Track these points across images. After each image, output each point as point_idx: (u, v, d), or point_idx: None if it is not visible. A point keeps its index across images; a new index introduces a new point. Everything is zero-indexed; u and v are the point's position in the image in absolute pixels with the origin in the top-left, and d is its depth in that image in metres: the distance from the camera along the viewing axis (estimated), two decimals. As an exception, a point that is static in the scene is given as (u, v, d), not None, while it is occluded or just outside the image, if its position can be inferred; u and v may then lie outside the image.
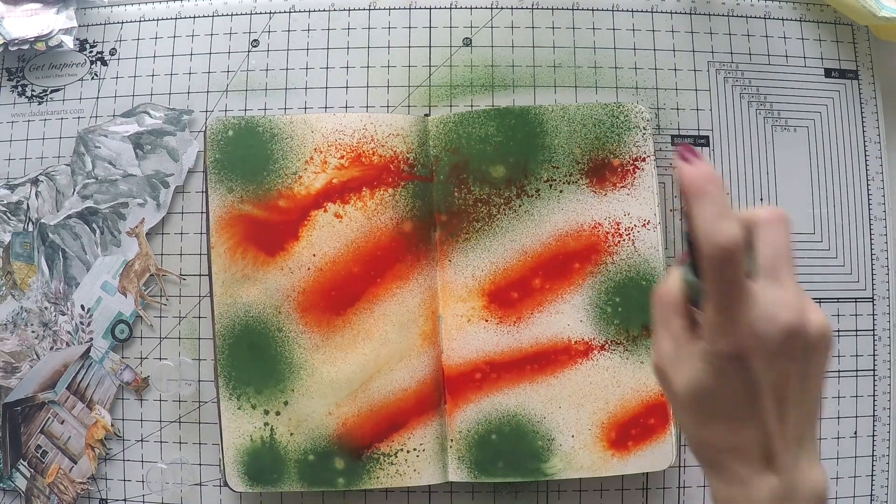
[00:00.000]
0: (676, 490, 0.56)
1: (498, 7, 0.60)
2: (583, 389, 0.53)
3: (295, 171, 0.54)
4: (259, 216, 0.54)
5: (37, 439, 0.57)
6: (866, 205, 0.59)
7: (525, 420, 0.53)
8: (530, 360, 0.54)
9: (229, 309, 0.54)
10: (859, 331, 0.58)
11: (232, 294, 0.54)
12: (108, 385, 0.57)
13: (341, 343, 0.54)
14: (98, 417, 0.57)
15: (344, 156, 0.55)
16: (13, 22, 0.60)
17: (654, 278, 0.54)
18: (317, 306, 0.54)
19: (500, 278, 0.54)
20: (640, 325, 0.54)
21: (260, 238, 0.54)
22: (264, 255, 0.54)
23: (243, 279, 0.54)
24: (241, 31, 0.60)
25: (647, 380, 0.53)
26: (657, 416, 0.53)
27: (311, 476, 0.53)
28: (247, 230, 0.54)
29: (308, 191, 0.54)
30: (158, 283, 0.58)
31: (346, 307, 0.54)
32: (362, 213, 0.54)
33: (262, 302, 0.54)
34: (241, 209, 0.54)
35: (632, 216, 0.54)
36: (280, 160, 0.55)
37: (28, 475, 0.57)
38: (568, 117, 0.55)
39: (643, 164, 0.55)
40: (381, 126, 0.55)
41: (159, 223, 0.58)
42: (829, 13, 0.61)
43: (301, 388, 0.53)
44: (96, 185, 0.57)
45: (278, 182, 0.54)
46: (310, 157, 0.55)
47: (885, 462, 0.57)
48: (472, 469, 0.53)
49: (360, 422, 0.53)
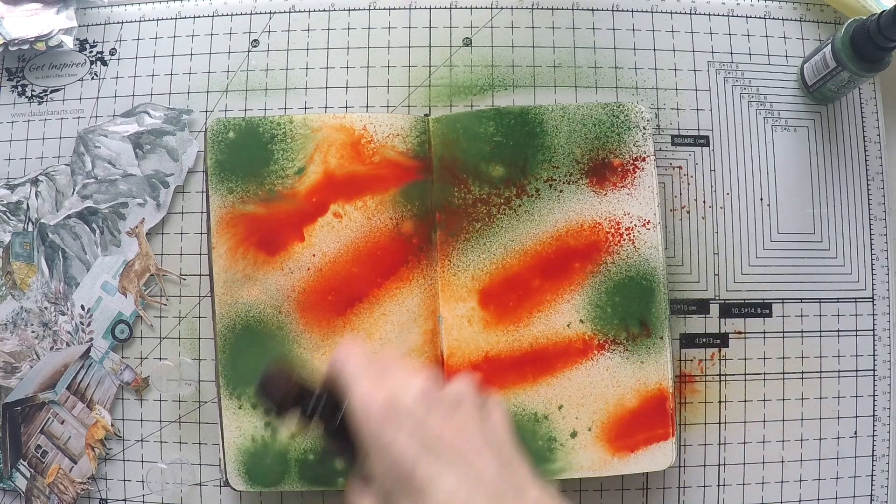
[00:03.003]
0: (676, 490, 0.56)
1: (498, 7, 0.60)
2: (583, 389, 0.53)
3: (295, 172, 0.54)
4: (260, 216, 0.54)
5: (37, 439, 0.57)
6: (866, 205, 0.59)
7: (525, 420, 0.53)
8: (530, 360, 0.53)
9: (230, 309, 0.54)
10: (859, 331, 0.58)
11: (233, 294, 0.54)
12: (109, 385, 0.57)
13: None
14: (98, 417, 0.57)
15: (344, 156, 0.55)
16: (13, 22, 0.60)
17: (654, 278, 0.54)
18: (317, 306, 0.54)
19: (499, 278, 0.54)
20: (639, 325, 0.54)
21: (260, 238, 0.54)
22: (265, 255, 0.54)
23: (244, 279, 0.54)
24: (241, 31, 0.60)
25: (647, 379, 0.53)
26: (657, 416, 0.53)
27: (312, 476, 0.53)
28: (247, 230, 0.54)
29: (308, 191, 0.54)
30: (158, 283, 0.58)
31: (346, 307, 0.54)
32: (362, 213, 0.54)
33: (262, 302, 0.54)
34: (242, 209, 0.54)
35: (632, 216, 0.54)
36: (281, 160, 0.55)
37: (28, 475, 0.57)
38: (568, 117, 0.55)
39: (643, 164, 0.55)
40: (381, 126, 0.55)
41: (159, 223, 0.58)
42: (829, 13, 0.61)
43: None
44: (96, 184, 0.57)
45: (279, 182, 0.54)
46: (310, 157, 0.55)
47: (885, 462, 0.57)
48: None
49: None
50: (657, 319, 0.53)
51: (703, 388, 0.57)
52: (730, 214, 0.58)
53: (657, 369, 0.53)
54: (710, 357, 0.57)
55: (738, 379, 0.57)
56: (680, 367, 0.57)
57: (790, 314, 0.58)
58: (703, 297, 0.58)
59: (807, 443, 0.57)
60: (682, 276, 0.58)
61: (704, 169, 0.59)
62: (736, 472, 0.56)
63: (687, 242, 0.58)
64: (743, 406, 0.57)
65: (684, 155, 0.59)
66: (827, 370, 0.57)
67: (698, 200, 0.58)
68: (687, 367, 0.57)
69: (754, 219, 0.58)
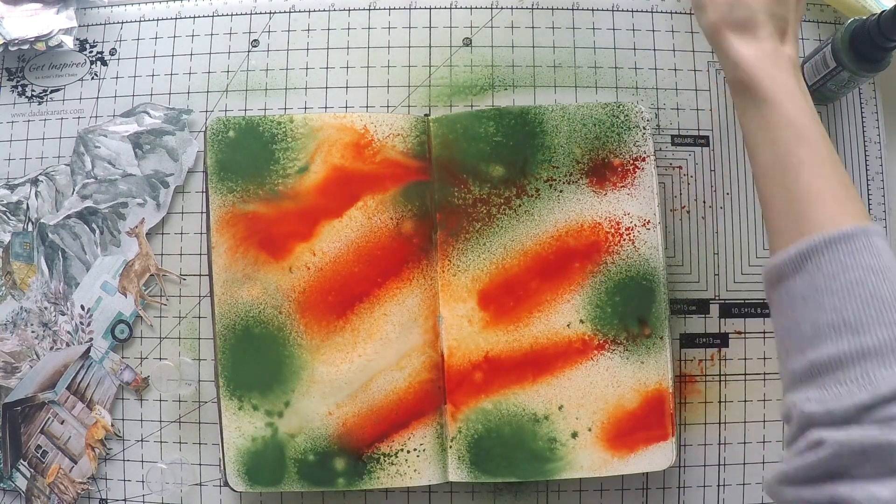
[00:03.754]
0: (676, 490, 0.56)
1: (498, 7, 0.60)
2: (583, 389, 0.53)
3: (297, 171, 0.54)
4: (260, 216, 0.54)
5: (37, 439, 0.57)
6: (866, 205, 0.59)
7: (525, 420, 0.53)
8: (530, 360, 0.53)
9: (230, 309, 0.54)
10: (859, 331, 0.58)
11: (232, 294, 0.54)
12: (108, 385, 0.57)
13: (342, 343, 0.54)
14: (98, 417, 0.57)
15: (345, 155, 0.55)
16: (13, 22, 0.60)
17: (654, 278, 0.54)
18: (317, 306, 0.54)
19: (499, 278, 0.54)
20: (639, 325, 0.54)
21: (261, 238, 0.54)
22: (265, 254, 0.54)
23: (244, 279, 0.54)
24: (241, 31, 0.60)
25: (646, 380, 0.53)
26: (657, 417, 0.53)
27: (312, 476, 0.53)
28: (247, 230, 0.54)
29: (309, 190, 0.54)
30: (158, 283, 0.58)
31: (346, 308, 0.54)
32: (363, 213, 0.54)
33: (262, 302, 0.54)
34: (243, 209, 0.54)
35: (632, 216, 0.54)
36: (281, 160, 0.55)
37: (28, 475, 0.57)
38: (568, 117, 0.55)
39: (643, 164, 0.55)
40: (382, 126, 0.55)
41: (159, 223, 0.58)
42: (829, 13, 0.61)
43: (302, 388, 0.53)
44: (96, 184, 0.57)
45: (280, 182, 0.54)
46: (311, 156, 0.55)
47: (885, 462, 0.57)
48: (471, 469, 0.53)
49: (361, 422, 0.53)
50: (657, 319, 0.53)
51: (704, 388, 0.57)
52: (730, 214, 0.58)
53: (657, 369, 0.53)
54: (710, 357, 0.57)
55: (738, 379, 0.57)
56: (680, 368, 0.57)
57: (790, 314, 0.58)
58: (703, 297, 0.58)
59: (807, 443, 0.57)
60: (682, 276, 0.58)
61: (704, 169, 0.59)
62: (736, 472, 0.56)
63: (687, 242, 0.58)
64: (743, 406, 0.57)
65: (684, 155, 0.59)
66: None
67: (698, 200, 0.58)
68: (687, 367, 0.57)
69: (754, 219, 0.58)
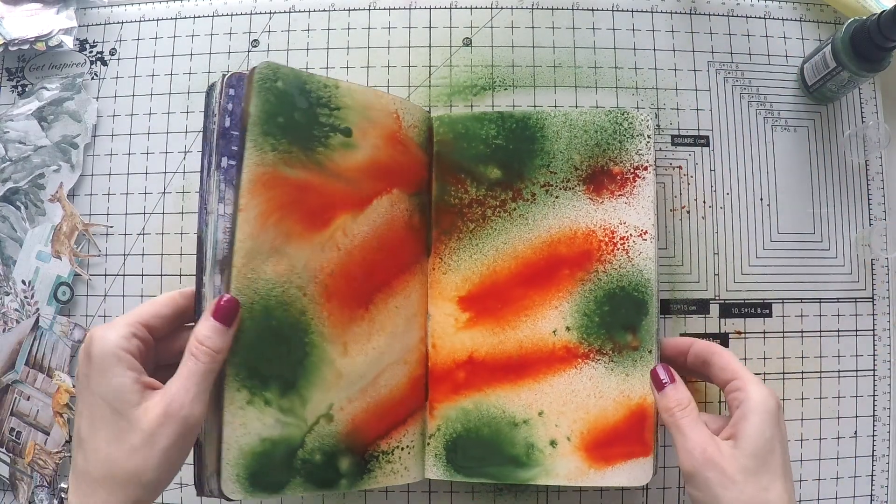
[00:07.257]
0: (676, 490, 0.56)
1: (498, 7, 0.60)
2: (564, 397, 0.52)
3: (339, 144, 0.50)
4: (302, 184, 0.48)
5: (9, 423, 0.58)
6: (866, 205, 0.59)
7: (504, 423, 0.52)
8: (514, 364, 0.53)
9: (250, 284, 0.45)
10: (859, 331, 0.58)
11: (255, 268, 0.46)
12: (62, 349, 0.58)
13: (359, 334, 0.50)
14: (59, 383, 0.58)
15: (382, 136, 0.52)
16: (13, 22, 0.60)
17: (647, 289, 0.52)
18: (341, 292, 0.49)
19: (488, 280, 0.54)
20: (627, 337, 0.52)
21: (301, 209, 0.47)
22: (301, 227, 0.47)
23: (271, 252, 0.46)
24: (241, 31, 0.60)
25: (630, 392, 0.51)
26: (638, 431, 0.51)
27: (316, 478, 0.49)
28: (287, 197, 0.47)
29: (351, 168, 0.50)
30: (88, 238, 0.59)
31: (369, 297, 0.51)
32: (388, 200, 0.52)
33: (287, 281, 0.47)
34: (284, 172, 0.47)
35: (628, 225, 0.53)
36: (325, 128, 0.49)
37: (8, 460, 0.58)
38: (570, 123, 0.54)
39: (644, 174, 0.53)
40: (407, 115, 0.53)
41: (160, 223, 0.58)
42: (828, 13, 0.61)
43: (322, 382, 0.48)
44: (12, 165, 0.59)
45: (322, 152, 0.49)
46: (353, 131, 0.50)
47: (885, 462, 0.57)
48: (447, 468, 0.52)
49: (368, 418, 0.51)
50: (647, 332, 0.52)
51: (703, 387, 0.57)
52: (730, 214, 0.58)
53: (642, 383, 0.51)
54: (710, 357, 0.57)
55: (738, 379, 0.57)
56: (680, 367, 0.57)
57: (790, 314, 0.58)
58: (703, 297, 0.58)
59: (807, 443, 0.57)
60: (682, 276, 0.58)
61: (704, 169, 0.59)
62: (736, 472, 0.56)
63: (687, 242, 0.58)
64: (743, 406, 0.57)
65: (684, 155, 0.59)
66: (827, 370, 0.57)
67: (698, 200, 0.58)
68: (687, 367, 0.57)
69: (754, 219, 0.58)
